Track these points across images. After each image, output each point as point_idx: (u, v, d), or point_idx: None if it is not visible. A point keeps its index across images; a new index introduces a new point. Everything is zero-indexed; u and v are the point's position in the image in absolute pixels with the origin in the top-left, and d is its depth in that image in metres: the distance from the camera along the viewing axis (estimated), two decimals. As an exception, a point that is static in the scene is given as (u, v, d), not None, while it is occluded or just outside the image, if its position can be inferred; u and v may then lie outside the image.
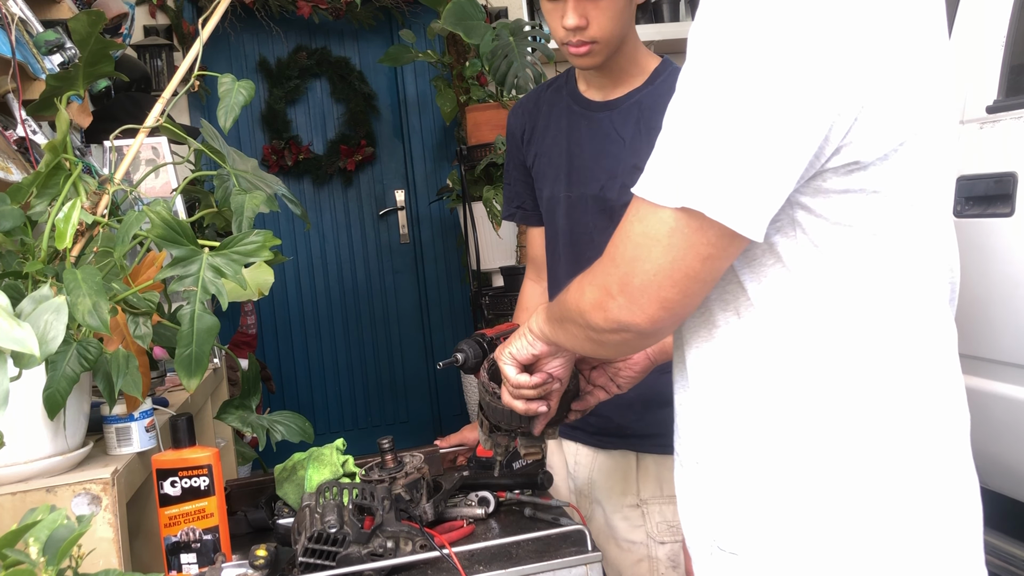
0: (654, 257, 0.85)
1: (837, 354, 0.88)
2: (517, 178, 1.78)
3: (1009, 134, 2.08)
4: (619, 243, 0.88)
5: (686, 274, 0.85)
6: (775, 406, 0.90)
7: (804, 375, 0.89)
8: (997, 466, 2.20)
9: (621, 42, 1.57)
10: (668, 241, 0.84)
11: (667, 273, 0.85)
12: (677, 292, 0.86)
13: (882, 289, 0.88)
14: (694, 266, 0.85)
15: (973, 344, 2.18)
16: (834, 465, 0.88)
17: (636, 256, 0.86)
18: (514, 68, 3.50)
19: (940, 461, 0.90)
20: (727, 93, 0.81)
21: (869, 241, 0.87)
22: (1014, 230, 2.01)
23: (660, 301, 0.86)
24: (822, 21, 0.80)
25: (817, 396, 0.88)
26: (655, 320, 0.88)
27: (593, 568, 1.25)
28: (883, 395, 0.88)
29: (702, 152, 0.82)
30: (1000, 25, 2.20)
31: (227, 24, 4.15)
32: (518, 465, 1.63)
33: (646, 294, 0.86)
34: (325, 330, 4.49)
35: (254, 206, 1.38)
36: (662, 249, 0.85)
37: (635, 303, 0.87)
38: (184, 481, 1.28)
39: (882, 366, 0.88)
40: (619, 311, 0.88)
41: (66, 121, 1.30)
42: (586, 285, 0.93)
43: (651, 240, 0.85)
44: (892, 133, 0.84)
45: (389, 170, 4.55)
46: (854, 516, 0.87)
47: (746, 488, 0.92)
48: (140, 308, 1.27)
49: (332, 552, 1.25)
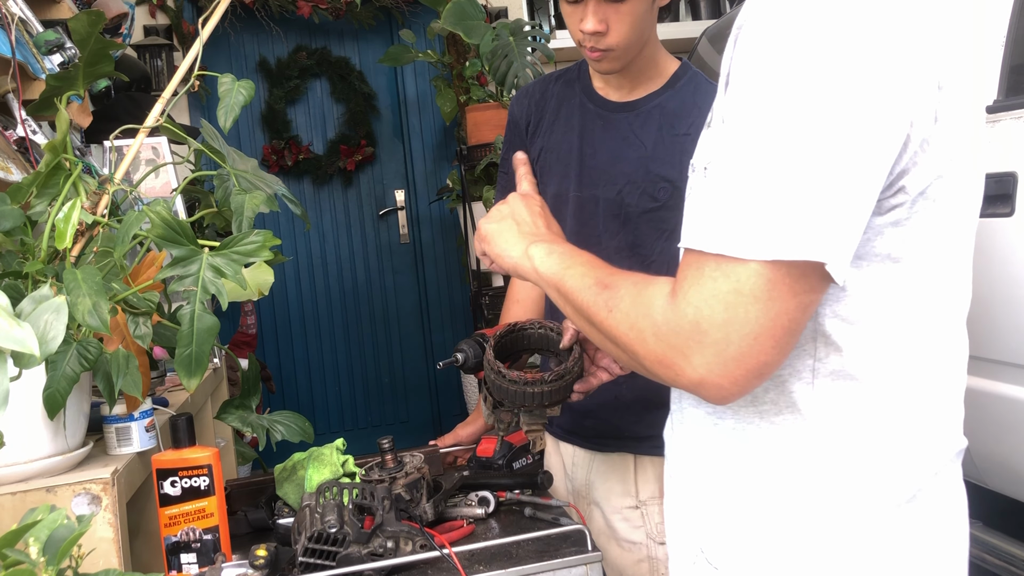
0: (753, 317, 0.75)
1: (844, 397, 0.85)
2: None
3: (1009, 134, 2.08)
4: (702, 304, 0.76)
5: (788, 329, 0.76)
6: (769, 439, 0.88)
7: (806, 420, 0.86)
8: (997, 466, 2.20)
9: (641, 48, 1.54)
10: (769, 294, 0.74)
11: (771, 334, 0.76)
12: (778, 352, 0.77)
13: (904, 321, 0.85)
14: (796, 318, 0.76)
15: (973, 344, 2.17)
16: (827, 495, 0.87)
17: (732, 319, 0.75)
18: (514, 68, 3.50)
19: (932, 498, 0.89)
20: (793, 124, 0.74)
21: (889, 280, 0.83)
22: (1014, 230, 2.01)
23: (759, 367, 0.77)
24: (883, 37, 0.74)
25: (817, 442, 0.86)
26: (744, 386, 0.78)
27: (593, 568, 1.25)
28: (880, 425, 0.86)
29: (781, 193, 0.74)
30: (1000, 25, 2.19)
31: (227, 24, 4.15)
32: (518, 465, 1.63)
33: (743, 362, 0.76)
34: (325, 330, 4.49)
35: (254, 206, 1.38)
36: (762, 307, 0.75)
37: (726, 369, 0.76)
38: (184, 481, 1.28)
39: (881, 398, 0.86)
40: (697, 373, 0.77)
41: (66, 121, 1.30)
42: (647, 331, 0.81)
43: (747, 298, 0.75)
44: (936, 162, 0.79)
45: (389, 170, 4.55)
46: (842, 546, 0.86)
47: (737, 504, 0.91)
48: (140, 308, 1.27)
49: (332, 552, 1.25)
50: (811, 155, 0.73)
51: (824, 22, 0.74)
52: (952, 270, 0.87)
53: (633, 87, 1.60)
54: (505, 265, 1.09)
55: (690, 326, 0.77)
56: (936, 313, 0.86)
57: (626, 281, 0.88)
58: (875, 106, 0.74)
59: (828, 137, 0.73)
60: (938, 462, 0.89)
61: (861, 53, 0.74)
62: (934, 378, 0.88)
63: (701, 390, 0.79)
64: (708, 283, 0.76)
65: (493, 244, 1.11)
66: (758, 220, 0.74)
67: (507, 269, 1.09)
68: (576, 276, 0.94)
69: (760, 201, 0.74)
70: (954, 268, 0.87)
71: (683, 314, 0.77)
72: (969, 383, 0.96)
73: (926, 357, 0.87)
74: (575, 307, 0.93)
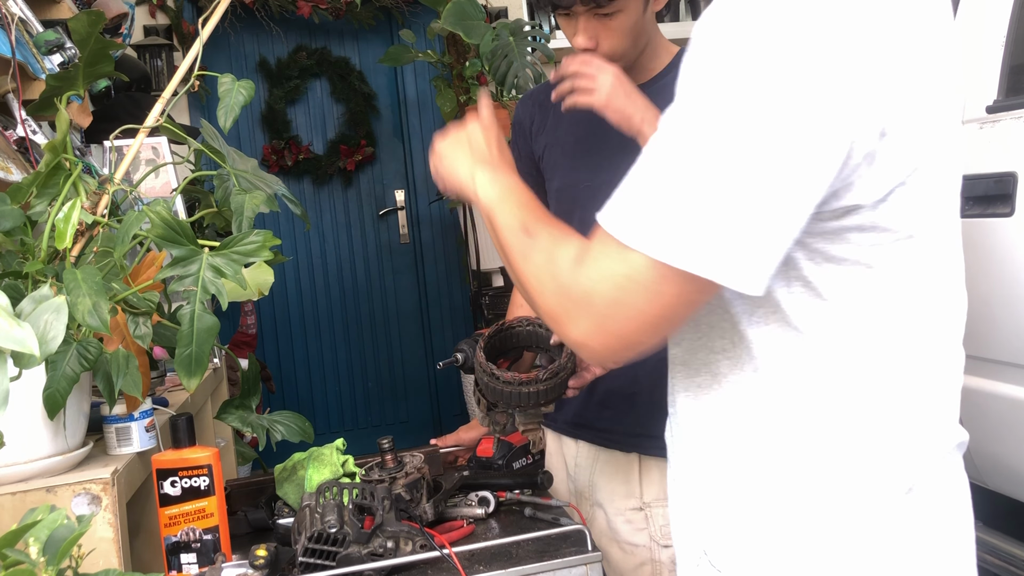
0: (639, 305, 0.79)
1: (835, 395, 0.86)
2: (523, 169, 1.74)
3: (1009, 134, 2.08)
4: (598, 279, 0.81)
5: (670, 320, 0.81)
6: (770, 451, 0.89)
7: (801, 419, 0.87)
8: (997, 466, 2.20)
9: (639, 52, 1.52)
10: (657, 289, 0.78)
11: (651, 322, 0.80)
12: (655, 337, 0.82)
13: (886, 331, 0.85)
14: (680, 313, 0.80)
15: (973, 344, 2.17)
16: (822, 489, 0.87)
17: (618, 300, 0.80)
18: (514, 68, 3.49)
19: (930, 489, 0.89)
20: (717, 132, 0.75)
21: (869, 278, 0.83)
22: (1014, 230, 2.01)
23: (634, 345, 0.82)
24: (834, 48, 0.74)
25: (813, 439, 0.87)
26: (617, 357, 0.84)
27: (593, 568, 1.25)
28: (880, 433, 0.87)
29: (688, 198, 0.75)
30: (1000, 25, 2.19)
31: (227, 24, 4.15)
32: (518, 465, 1.63)
33: (622, 338, 0.81)
34: (325, 330, 4.49)
35: (254, 206, 1.38)
36: (648, 298, 0.78)
37: (605, 340, 0.82)
38: (184, 481, 1.28)
39: (881, 406, 0.87)
40: (578, 335, 0.83)
41: (66, 121, 1.30)
42: (548, 288, 0.86)
43: (638, 286, 0.78)
44: (893, 171, 0.80)
45: (389, 170, 4.55)
46: (841, 540, 0.87)
47: (736, 504, 0.91)
48: (140, 308, 1.27)
49: (332, 552, 1.25)
50: (728, 166, 0.75)
51: (768, 39, 0.74)
52: (936, 271, 0.88)
53: (635, 78, 1.59)
54: (452, 184, 1.11)
55: (582, 296, 0.82)
56: (922, 307, 0.87)
57: (545, 233, 0.91)
58: (805, 126, 0.74)
59: (748, 152, 0.74)
60: (935, 454, 0.89)
61: (799, 72, 0.74)
62: (925, 372, 0.88)
63: (580, 350, 0.85)
64: (607, 262, 0.81)
65: (444, 162, 1.13)
66: (660, 218, 0.77)
67: (453, 189, 1.11)
68: (506, 213, 0.97)
69: (667, 201, 0.77)
70: (938, 269, 0.88)
71: (579, 283, 0.83)
72: (969, 383, 0.96)
73: (914, 351, 0.87)
74: (499, 243, 0.97)
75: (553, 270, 0.86)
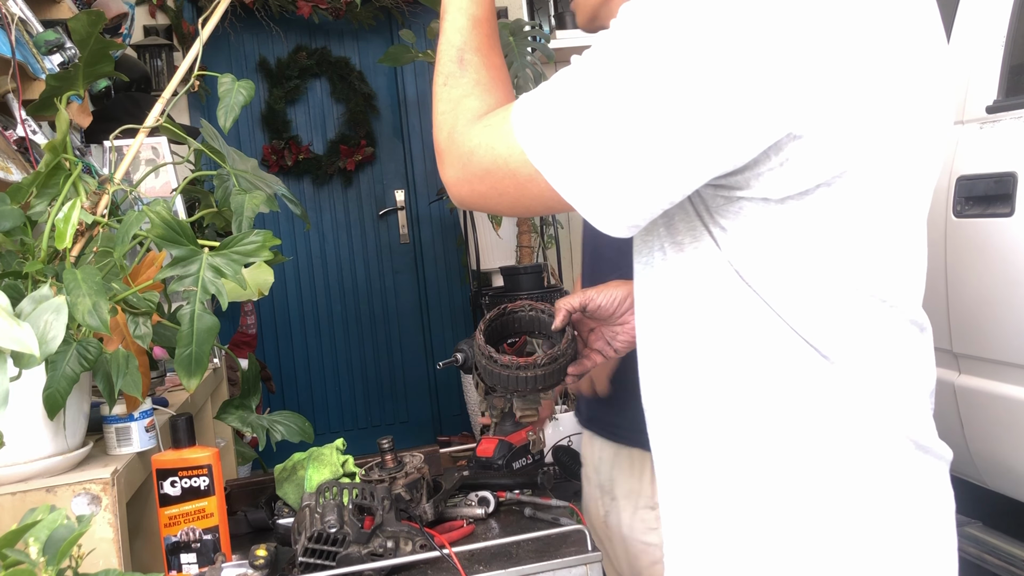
0: (504, 187, 0.86)
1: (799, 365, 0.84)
2: None
3: (1009, 134, 2.08)
4: (481, 146, 0.88)
5: (528, 211, 0.88)
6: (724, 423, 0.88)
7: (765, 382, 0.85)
8: (997, 466, 2.20)
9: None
10: (525, 185, 0.84)
11: (509, 203, 0.87)
12: (510, 212, 0.90)
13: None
14: (537, 210, 0.87)
15: (973, 344, 2.18)
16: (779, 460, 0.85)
17: (489, 172, 0.86)
18: (514, 68, 3.49)
19: (913, 486, 0.86)
20: (648, 73, 0.76)
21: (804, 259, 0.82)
22: (1014, 230, 2.01)
23: (490, 209, 0.90)
24: (771, 29, 0.74)
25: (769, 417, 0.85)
26: (475, 208, 0.93)
27: (593, 568, 1.26)
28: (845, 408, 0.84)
29: (590, 126, 0.79)
30: (1000, 25, 2.20)
31: (227, 24, 4.15)
32: (518, 465, 1.63)
33: (482, 198, 0.90)
34: (325, 330, 4.49)
35: (254, 206, 1.38)
36: (514, 185, 0.85)
37: (468, 193, 0.90)
38: (184, 481, 1.28)
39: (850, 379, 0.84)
40: (448, 179, 0.92)
41: (66, 121, 1.30)
42: (446, 127, 0.92)
43: (509, 172, 0.85)
44: (813, 173, 0.78)
45: (389, 170, 4.55)
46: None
47: (700, 489, 0.91)
48: (140, 308, 1.27)
49: (332, 552, 1.25)
50: (634, 112, 0.76)
51: (703, 18, 0.74)
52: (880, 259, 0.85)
53: None
54: None
55: (466, 151, 0.89)
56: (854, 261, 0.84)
57: (471, 74, 0.95)
58: (719, 102, 0.74)
59: (658, 104, 0.75)
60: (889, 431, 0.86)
61: (735, 50, 0.74)
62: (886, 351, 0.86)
63: (448, 188, 0.93)
64: (496, 136, 0.86)
65: None
66: (555, 131, 0.81)
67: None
68: (453, 30, 0.98)
69: (567, 118, 0.80)
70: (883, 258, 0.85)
71: (468, 139, 0.89)
72: (969, 383, 0.96)
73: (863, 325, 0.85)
74: (437, 57, 0.99)
75: (456, 113, 0.92)
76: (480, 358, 1.21)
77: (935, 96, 0.85)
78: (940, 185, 2.22)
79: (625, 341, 1.23)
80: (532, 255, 3.75)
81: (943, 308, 2.25)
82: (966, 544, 2.24)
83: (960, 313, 2.20)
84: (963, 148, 2.20)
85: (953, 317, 2.22)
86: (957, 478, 2.37)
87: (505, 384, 1.19)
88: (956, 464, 1.56)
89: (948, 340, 2.24)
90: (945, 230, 2.22)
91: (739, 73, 0.74)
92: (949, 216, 2.21)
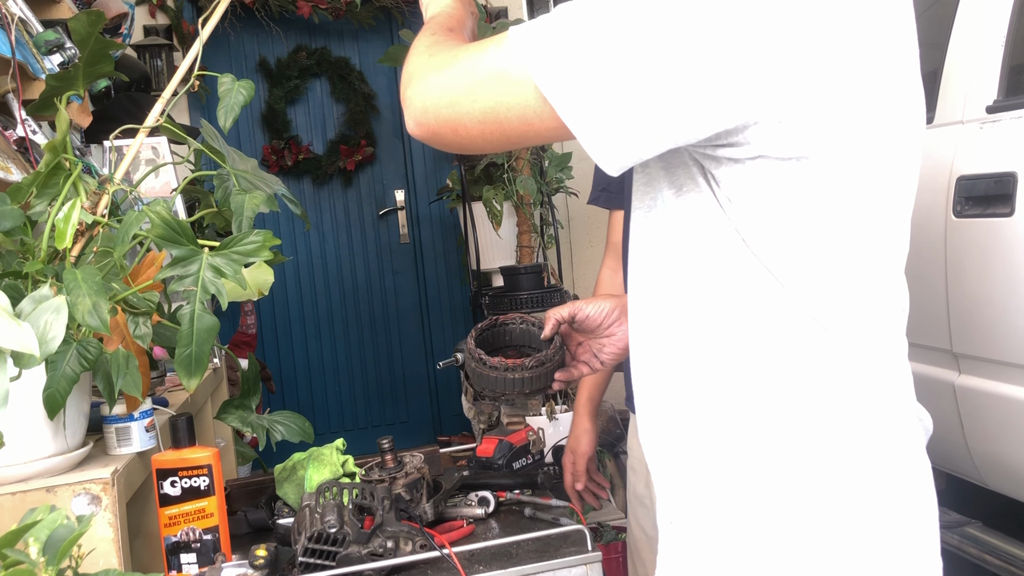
0: (482, 95, 0.82)
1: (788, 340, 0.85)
2: None
3: (1009, 134, 2.08)
4: (462, 60, 0.85)
5: (504, 133, 0.84)
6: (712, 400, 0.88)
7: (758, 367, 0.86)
8: (997, 466, 2.20)
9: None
10: (511, 89, 0.81)
11: (480, 117, 0.83)
12: (478, 137, 0.85)
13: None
14: (515, 129, 0.83)
15: (973, 344, 2.18)
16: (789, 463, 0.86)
17: (469, 89, 0.83)
18: (514, 68, 3.49)
19: (895, 472, 0.87)
20: (660, 22, 0.76)
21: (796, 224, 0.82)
22: (1014, 230, 2.01)
23: (453, 134, 0.85)
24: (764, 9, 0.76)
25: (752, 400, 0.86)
26: (426, 138, 0.88)
27: (593, 568, 1.26)
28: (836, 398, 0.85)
29: (594, 60, 0.78)
30: (1000, 25, 2.20)
31: (227, 24, 4.15)
32: (518, 465, 1.63)
33: (447, 122, 0.85)
34: (325, 330, 4.49)
35: (254, 206, 1.38)
36: (494, 95, 0.82)
37: (426, 114, 0.86)
38: (184, 481, 1.28)
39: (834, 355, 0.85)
40: (408, 99, 0.88)
41: (66, 121, 1.30)
42: (419, 51, 0.91)
43: (502, 79, 0.82)
44: (793, 142, 0.79)
45: (389, 170, 4.55)
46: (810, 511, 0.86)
47: (683, 461, 0.91)
48: (140, 308, 1.27)
49: (332, 552, 1.25)
50: (641, 53, 0.76)
51: None
52: None
53: None
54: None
55: (435, 58, 0.87)
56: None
57: (450, 40, 0.94)
58: (724, 65, 0.75)
59: (667, 51, 0.75)
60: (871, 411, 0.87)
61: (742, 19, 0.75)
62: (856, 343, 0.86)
63: (405, 107, 0.89)
64: (489, 53, 0.84)
65: None
66: (559, 49, 0.79)
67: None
68: (434, 26, 0.99)
69: (575, 42, 0.78)
70: None
71: (450, 62, 0.86)
72: (969, 383, 0.96)
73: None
74: (423, 31, 0.98)
75: (432, 51, 0.90)
76: (470, 361, 1.23)
77: (909, 95, 0.86)
78: (940, 185, 2.22)
79: (612, 354, 1.26)
80: (532, 255, 3.75)
81: (943, 308, 2.25)
82: (966, 544, 2.24)
83: (960, 313, 2.20)
84: (963, 148, 2.20)
85: (953, 317, 2.22)
86: (957, 478, 2.38)
87: (493, 387, 1.22)
88: (956, 464, 1.57)
89: (948, 340, 2.24)
90: (945, 230, 2.22)
91: (735, 29, 0.76)
92: (949, 216, 2.21)
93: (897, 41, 0.85)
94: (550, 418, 2.89)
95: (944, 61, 2.35)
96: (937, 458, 0.96)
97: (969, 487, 2.36)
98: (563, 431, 2.82)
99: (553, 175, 3.79)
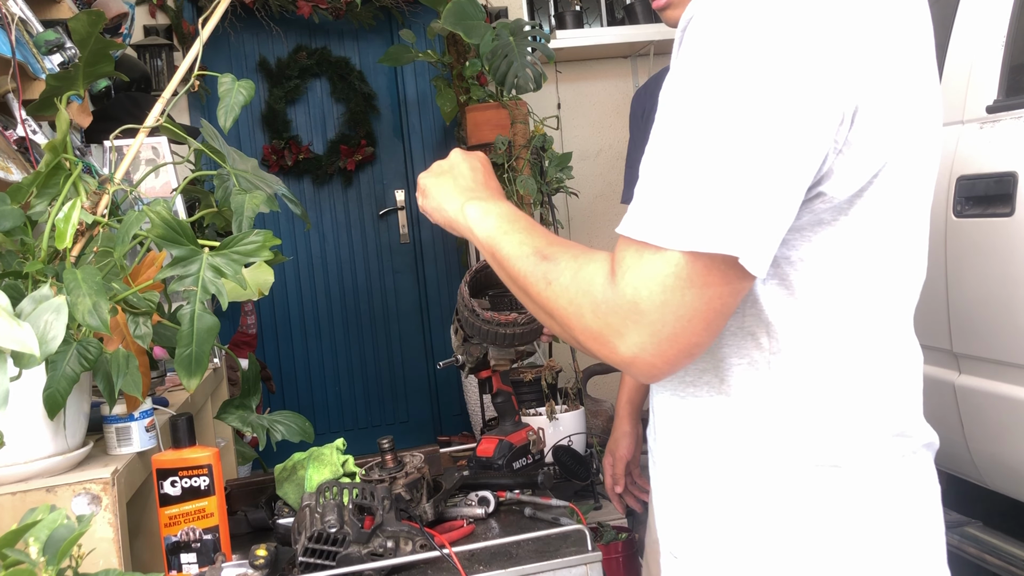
0: (691, 303, 0.77)
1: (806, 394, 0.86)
2: (638, 159, 1.76)
3: (1009, 134, 2.08)
4: (642, 286, 0.78)
5: (720, 312, 0.79)
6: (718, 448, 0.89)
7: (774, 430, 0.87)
8: (997, 466, 2.20)
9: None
10: (704, 280, 0.76)
11: (706, 319, 0.78)
12: (708, 334, 0.79)
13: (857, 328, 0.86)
14: (728, 303, 0.79)
15: (973, 344, 2.18)
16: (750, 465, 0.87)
17: (668, 303, 0.77)
18: (514, 68, 3.50)
19: (870, 481, 0.88)
20: (720, 115, 0.75)
21: (841, 278, 0.85)
22: (1014, 230, 2.01)
23: (691, 348, 0.79)
24: (817, 33, 0.77)
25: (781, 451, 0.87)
26: (674, 366, 0.80)
27: (593, 568, 1.26)
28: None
29: (700, 183, 0.75)
30: (1000, 25, 2.20)
31: (227, 24, 4.15)
32: (518, 465, 1.63)
33: (677, 342, 0.78)
34: (325, 330, 4.49)
35: (254, 206, 1.38)
36: (698, 293, 0.77)
37: (660, 348, 0.78)
38: (184, 481, 1.28)
39: (852, 404, 0.87)
40: (629, 350, 0.79)
41: (66, 121, 1.30)
42: (586, 308, 0.82)
43: (686, 283, 0.77)
44: (870, 163, 0.81)
45: (389, 170, 4.55)
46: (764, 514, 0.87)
47: (685, 494, 0.92)
48: (140, 308, 1.27)
49: (332, 552, 1.25)
50: (733, 147, 0.75)
51: (763, 27, 0.76)
52: (892, 265, 0.88)
53: None
54: (439, 220, 1.07)
55: (629, 307, 0.79)
56: (864, 290, 0.87)
57: (566, 254, 0.87)
58: (800, 107, 0.75)
59: (751, 131, 0.75)
60: (869, 436, 0.88)
61: (794, 54, 0.75)
62: (869, 362, 0.88)
63: (632, 368, 0.81)
64: (648, 267, 0.78)
65: (430, 198, 1.09)
66: (692, 211, 0.76)
67: (442, 224, 1.07)
68: (514, 243, 0.93)
69: (681, 190, 0.76)
70: (894, 263, 0.88)
71: (622, 294, 0.79)
72: (969, 383, 0.96)
73: (859, 343, 0.87)
74: (510, 275, 0.92)
75: (587, 288, 0.82)
76: (463, 310, 1.25)
77: (933, 99, 0.89)
78: (940, 185, 2.22)
79: None
80: (532, 255, 3.75)
81: (943, 308, 2.25)
82: (966, 544, 2.24)
83: (960, 313, 2.20)
84: (963, 148, 2.20)
85: (953, 317, 2.22)
86: (957, 478, 2.37)
87: (483, 335, 1.24)
88: (956, 464, 1.57)
89: (948, 340, 2.24)
90: (945, 230, 2.22)
91: (801, 76, 0.76)
92: (949, 216, 2.21)
93: (922, 54, 0.87)
94: (550, 418, 2.89)
95: (944, 61, 2.35)
96: (937, 458, 0.96)
97: (969, 487, 2.36)
98: (563, 431, 2.82)
99: (553, 175, 3.79)
